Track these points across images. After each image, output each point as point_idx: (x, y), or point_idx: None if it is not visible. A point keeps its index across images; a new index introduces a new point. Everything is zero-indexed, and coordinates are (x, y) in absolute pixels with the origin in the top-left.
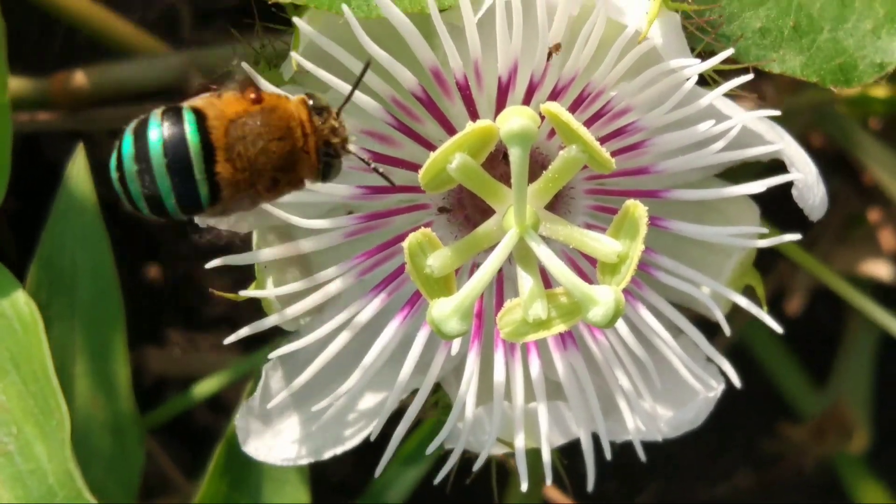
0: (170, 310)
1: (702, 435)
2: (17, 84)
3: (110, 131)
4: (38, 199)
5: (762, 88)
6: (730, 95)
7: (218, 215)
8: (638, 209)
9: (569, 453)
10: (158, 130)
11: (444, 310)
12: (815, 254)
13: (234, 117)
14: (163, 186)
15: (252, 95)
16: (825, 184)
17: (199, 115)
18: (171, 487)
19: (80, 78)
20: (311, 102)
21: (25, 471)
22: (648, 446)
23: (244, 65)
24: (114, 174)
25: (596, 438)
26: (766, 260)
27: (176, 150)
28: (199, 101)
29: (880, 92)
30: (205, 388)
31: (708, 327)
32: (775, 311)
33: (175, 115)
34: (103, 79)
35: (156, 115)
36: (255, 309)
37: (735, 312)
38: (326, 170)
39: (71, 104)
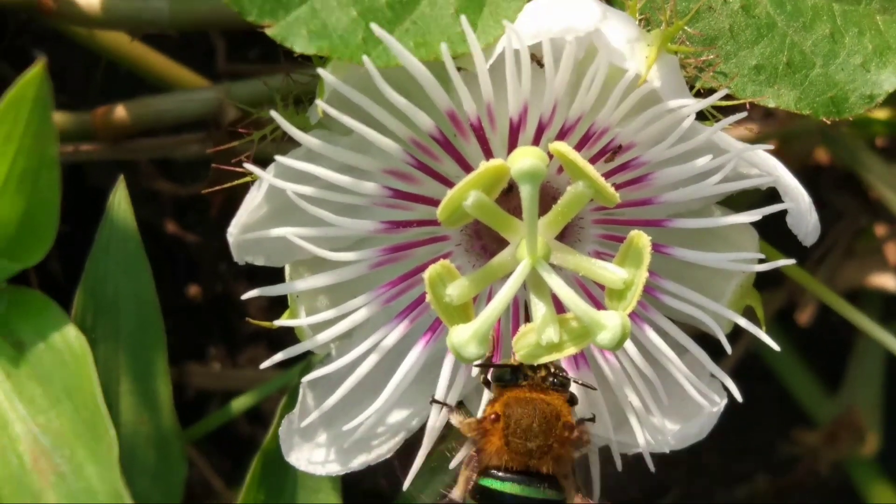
0: (210, 326)
1: (721, 440)
2: (62, 118)
3: (151, 160)
4: (84, 220)
5: (774, 110)
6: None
7: None
8: (642, 239)
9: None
10: None
11: (463, 336)
12: (825, 267)
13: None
14: None
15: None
16: (834, 199)
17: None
18: (213, 494)
19: (120, 111)
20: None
21: (77, 490)
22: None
23: None
24: None
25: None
26: (777, 272)
27: None
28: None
29: (881, 114)
30: (243, 402)
31: (716, 341)
32: (788, 321)
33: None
34: (143, 112)
35: None
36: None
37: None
38: None
39: (112, 136)
